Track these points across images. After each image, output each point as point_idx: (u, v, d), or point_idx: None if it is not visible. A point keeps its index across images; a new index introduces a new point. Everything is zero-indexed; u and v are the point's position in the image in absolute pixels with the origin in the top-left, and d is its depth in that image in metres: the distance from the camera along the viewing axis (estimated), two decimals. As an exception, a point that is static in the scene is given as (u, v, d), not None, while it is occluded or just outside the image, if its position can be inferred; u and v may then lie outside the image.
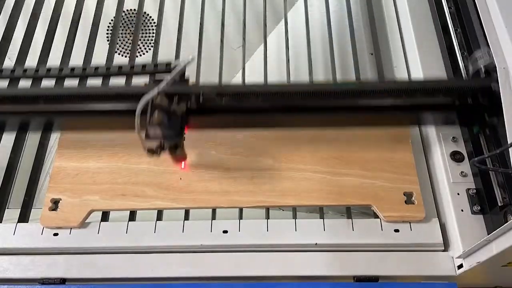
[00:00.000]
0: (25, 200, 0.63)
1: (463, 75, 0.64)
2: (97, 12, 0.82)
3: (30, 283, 0.56)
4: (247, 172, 0.61)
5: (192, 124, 0.55)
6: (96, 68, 0.59)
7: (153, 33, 0.97)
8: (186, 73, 0.57)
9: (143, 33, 0.98)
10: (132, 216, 0.61)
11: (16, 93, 0.59)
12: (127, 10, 0.96)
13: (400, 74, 0.73)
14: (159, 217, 0.61)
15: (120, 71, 0.58)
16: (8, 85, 0.64)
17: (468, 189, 0.58)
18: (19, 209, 0.62)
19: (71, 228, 0.59)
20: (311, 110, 0.57)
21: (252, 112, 0.58)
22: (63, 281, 0.55)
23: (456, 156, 0.60)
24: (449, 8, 0.70)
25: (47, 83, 0.66)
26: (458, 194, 0.57)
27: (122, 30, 0.96)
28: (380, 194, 0.59)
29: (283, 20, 0.79)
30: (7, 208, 0.63)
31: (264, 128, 0.63)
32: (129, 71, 0.58)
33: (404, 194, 0.59)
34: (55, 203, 0.60)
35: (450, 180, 0.58)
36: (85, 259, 0.57)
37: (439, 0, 0.73)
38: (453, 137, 0.61)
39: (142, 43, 0.98)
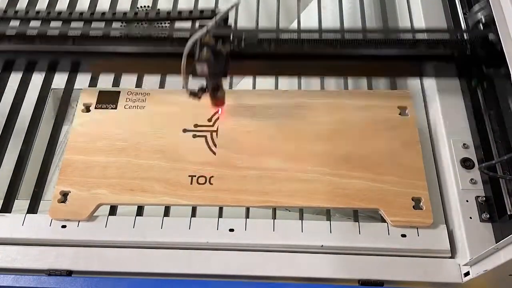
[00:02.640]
0: (35, 191, 0.64)
1: (463, 28, 0.66)
2: (112, 7, 0.82)
3: (37, 274, 0.56)
4: (255, 172, 0.61)
5: (232, 70, 0.58)
6: (147, 13, 0.63)
7: (167, 29, 0.97)
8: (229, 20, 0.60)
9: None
10: (140, 211, 0.61)
11: (71, 33, 0.64)
12: (141, 7, 0.96)
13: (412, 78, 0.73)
14: (166, 213, 0.61)
15: (168, 16, 0.63)
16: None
17: (477, 197, 0.57)
18: (29, 200, 0.63)
19: (79, 221, 0.59)
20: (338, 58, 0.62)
21: (292, 58, 0.61)
22: (69, 273, 0.56)
23: (466, 163, 0.59)
24: (464, 14, 0.70)
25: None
26: (467, 201, 0.57)
27: (136, 27, 0.97)
28: (388, 198, 0.59)
29: (295, 21, 0.79)
30: (17, 199, 0.64)
31: (299, 75, 0.67)
32: (177, 17, 0.63)
33: (412, 199, 0.58)
34: (64, 196, 0.61)
35: (460, 187, 0.58)
36: (92, 252, 0.57)
37: (454, 4, 0.72)
38: (464, 144, 0.61)
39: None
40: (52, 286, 0.55)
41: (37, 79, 0.74)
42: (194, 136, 0.64)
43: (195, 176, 0.61)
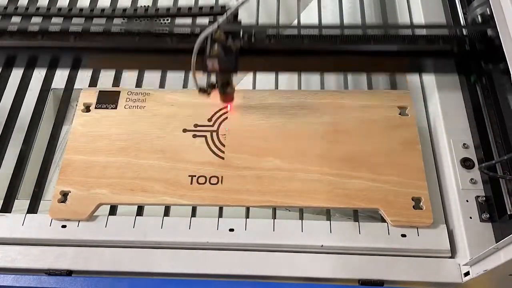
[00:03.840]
0: (35, 191, 0.64)
1: (462, 23, 0.67)
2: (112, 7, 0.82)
3: (37, 274, 0.56)
4: (255, 172, 0.61)
5: (242, 66, 0.58)
6: (157, 9, 0.63)
7: (167, 29, 0.97)
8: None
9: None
10: (140, 211, 0.61)
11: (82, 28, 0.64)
12: (141, 6, 0.96)
13: (413, 79, 0.73)
14: (167, 213, 0.61)
15: (179, 12, 0.62)
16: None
17: (477, 197, 0.57)
18: (29, 200, 0.63)
19: (79, 221, 0.59)
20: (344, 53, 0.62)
21: (303, 54, 0.62)
22: (69, 272, 0.56)
23: (466, 163, 0.59)
24: (464, 14, 0.70)
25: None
26: (467, 201, 0.57)
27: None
28: (388, 198, 0.59)
29: (295, 21, 0.79)
30: (17, 199, 0.64)
31: (309, 71, 0.67)
32: (187, 13, 0.62)
33: (412, 199, 0.58)
34: (64, 195, 0.61)
35: (460, 187, 0.58)
36: (92, 251, 0.57)
37: (454, 5, 0.72)
38: (464, 144, 0.61)
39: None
40: (52, 286, 0.55)
41: (37, 79, 0.74)
42: (194, 136, 0.64)
43: (195, 176, 0.61)
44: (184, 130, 0.65)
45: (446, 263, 0.55)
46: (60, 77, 0.74)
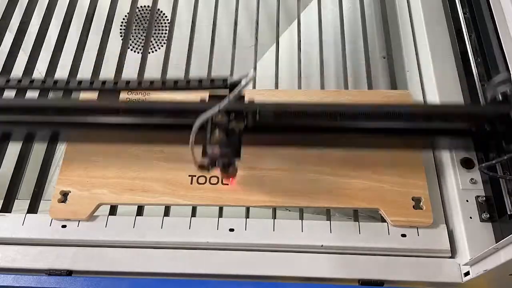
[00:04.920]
0: (35, 191, 0.64)
1: (481, 101, 0.62)
2: (112, 7, 0.82)
3: (37, 274, 0.56)
4: (255, 172, 0.61)
5: (245, 142, 0.55)
6: (152, 82, 0.57)
7: (166, 30, 0.97)
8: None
9: (156, 30, 0.98)
10: (140, 211, 0.61)
11: (83, 105, 0.59)
12: (141, 6, 0.97)
13: (413, 79, 0.73)
14: (167, 213, 0.61)
15: (176, 85, 0.57)
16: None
17: (477, 196, 0.57)
18: (29, 200, 0.63)
19: (79, 221, 0.59)
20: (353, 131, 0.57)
21: (309, 131, 0.57)
22: (69, 272, 0.56)
23: (466, 163, 0.59)
24: (464, 14, 0.70)
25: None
26: (467, 201, 0.57)
27: (136, 26, 0.97)
28: (388, 198, 0.59)
29: (295, 21, 0.79)
30: (17, 199, 0.64)
31: (322, 147, 0.62)
32: (185, 86, 0.57)
33: (412, 199, 0.58)
34: (64, 195, 0.61)
35: (460, 187, 0.58)
36: (92, 252, 0.57)
37: (454, 5, 0.72)
38: (464, 144, 0.61)
39: (155, 39, 0.98)
40: (52, 286, 0.55)
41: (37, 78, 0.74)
42: (194, 136, 0.64)
43: (195, 176, 0.61)
44: (184, 130, 0.65)
45: (446, 263, 0.55)
46: (60, 75, 0.74)
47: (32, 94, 0.68)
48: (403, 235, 0.57)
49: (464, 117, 0.56)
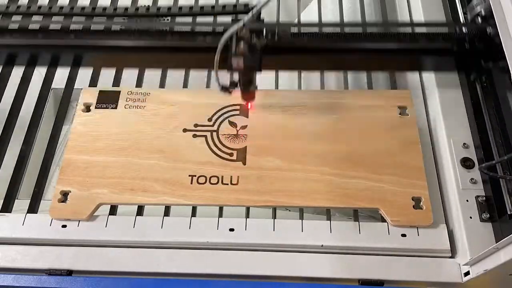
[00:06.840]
0: (35, 191, 0.64)
1: (462, 21, 0.68)
2: None
3: (37, 274, 0.56)
4: (255, 172, 0.61)
5: (265, 64, 0.58)
6: (180, 8, 0.64)
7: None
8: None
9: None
10: (140, 210, 0.61)
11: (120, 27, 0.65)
12: None
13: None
14: (167, 212, 0.61)
15: (202, 11, 0.63)
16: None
17: (477, 196, 0.57)
18: (29, 200, 0.63)
19: (79, 221, 0.59)
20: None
21: (322, 51, 0.63)
22: (69, 272, 0.56)
23: (466, 163, 0.59)
24: (464, 14, 0.70)
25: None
26: (467, 201, 0.57)
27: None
28: (388, 198, 0.59)
29: (296, 21, 0.79)
30: (17, 199, 0.64)
31: (332, 70, 0.69)
32: (211, 11, 0.63)
33: (412, 199, 0.58)
34: (64, 195, 0.60)
35: (460, 187, 0.58)
36: (92, 251, 0.57)
37: (454, 5, 0.72)
38: (464, 143, 0.61)
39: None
40: (52, 286, 0.55)
41: (37, 78, 0.74)
42: (194, 136, 0.64)
43: (195, 176, 0.61)
44: (184, 130, 0.65)
45: (446, 263, 0.56)
46: (60, 77, 0.74)
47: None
48: (403, 235, 0.57)
49: (445, 36, 0.61)
